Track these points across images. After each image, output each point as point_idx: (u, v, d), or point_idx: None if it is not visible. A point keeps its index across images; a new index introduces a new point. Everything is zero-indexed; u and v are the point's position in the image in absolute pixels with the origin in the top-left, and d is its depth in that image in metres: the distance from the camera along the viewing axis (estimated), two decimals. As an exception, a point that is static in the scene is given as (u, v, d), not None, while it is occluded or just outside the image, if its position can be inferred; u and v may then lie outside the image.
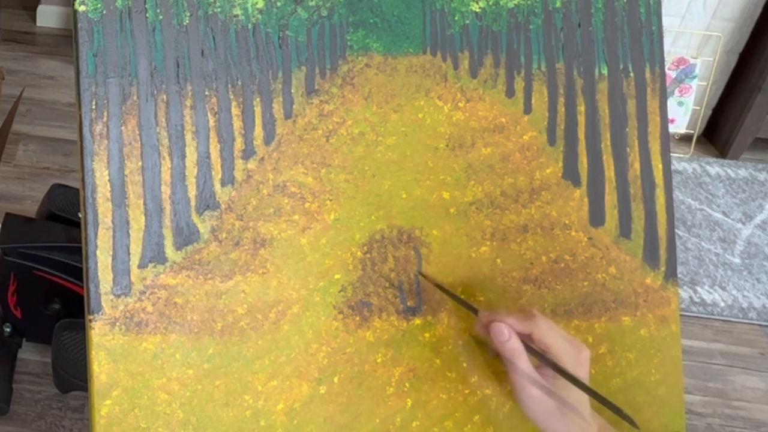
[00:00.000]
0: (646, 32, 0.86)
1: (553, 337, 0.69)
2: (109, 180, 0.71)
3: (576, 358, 0.69)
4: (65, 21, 2.97)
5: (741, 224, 2.35)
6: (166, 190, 0.73)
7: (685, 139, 2.70)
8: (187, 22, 0.74)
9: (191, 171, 0.74)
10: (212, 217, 0.74)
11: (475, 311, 0.75)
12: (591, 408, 0.70)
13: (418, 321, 0.80)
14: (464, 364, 0.80)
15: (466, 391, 0.80)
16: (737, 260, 2.22)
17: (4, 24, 2.93)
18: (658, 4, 0.87)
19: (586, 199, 0.85)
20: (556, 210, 0.84)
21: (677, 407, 0.87)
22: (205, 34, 0.74)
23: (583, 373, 0.69)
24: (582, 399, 0.69)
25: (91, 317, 0.70)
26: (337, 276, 0.78)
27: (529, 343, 0.70)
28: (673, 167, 1.39)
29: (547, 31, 0.84)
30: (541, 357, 0.69)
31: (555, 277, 0.84)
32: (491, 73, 0.83)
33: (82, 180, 0.71)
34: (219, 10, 0.75)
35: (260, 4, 0.76)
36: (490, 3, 0.82)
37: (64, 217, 1.71)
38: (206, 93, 0.74)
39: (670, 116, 2.40)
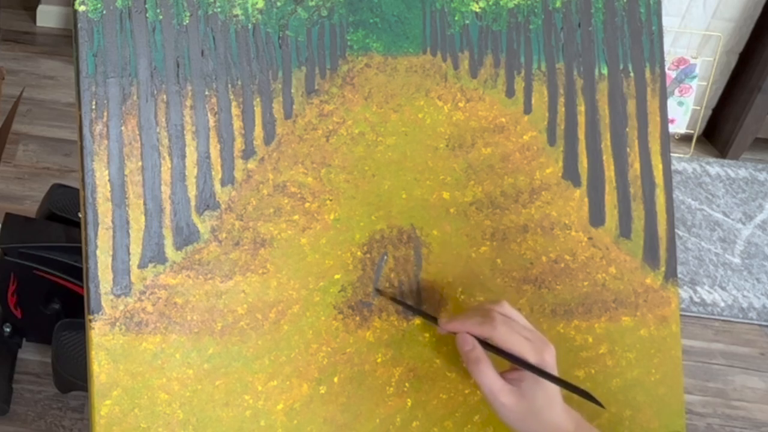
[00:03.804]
0: (646, 32, 0.86)
1: (513, 341, 0.69)
2: (109, 180, 0.71)
3: (540, 357, 0.69)
4: (65, 21, 2.97)
5: (741, 224, 2.35)
6: (166, 190, 0.73)
7: (685, 139, 2.70)
8: (187, 22, 0.74)
9: (191, 171, 0.74)
10: (212, 217, 0.74)
11: (435, 320, 0.75)
12: (566, 405, 0.71)
13: (418, 321, 0.79)
14: (464, 364, 0.80)
15: (466, 391, 0.80)
16: (737, 260, 2.22)
17: (4, 24, 2.93)
18: (658, 4, 0.87)
19: (586, 199, 0.85)
20: (556, 210, 0.84)
21: (677, 407, 0.87)
22: (205, 34, 0.74)
23: (550, 361, 0.70)
24: (552, 399, 0.69)
25: (91, 317, 0.70)
26: (337, 276, 0.78)
27: (492, 344, 0.71)
28: (673, 167, 1.39)
29: (547, 31, 0.84)
30: (507, 355, 0.69)
31: (555, 277, 0.84)
32: (491, 73, 0.83)
33: (82, 180, 0.71)
34: (219, 10, 0.75)
35: (260, 4, 0.76)
36: (490, 3, 0.82)
37: (64, 217, 1.71)
38: (206, 93, 0.74)
39: (670, 116, 2.40)
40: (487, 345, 0.71)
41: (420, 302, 0.80)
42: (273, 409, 0.75)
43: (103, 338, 0.71)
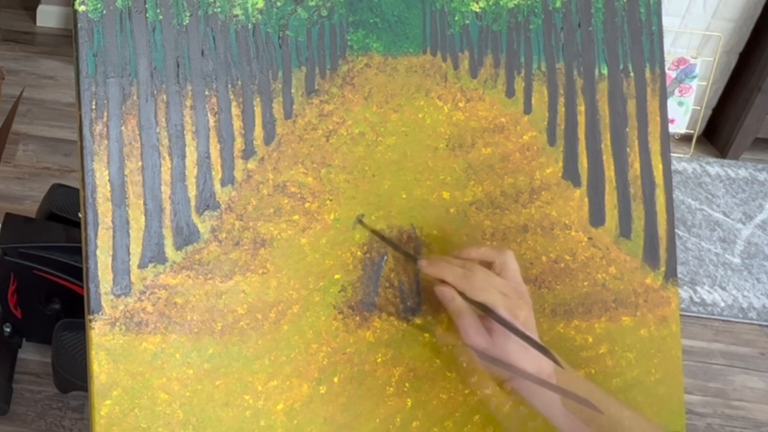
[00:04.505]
0: (646, 32, 0.86)
1: (487, 296, 0.71)
2: (109, 180, 0.71)
3: (512, 313, 0.71)
4: (65, 21, 2.97)
5: (741, 224, 2.35)
6: (166, 190, 0.73)
7: (685, 139, 2.70)
8: (187, 22, 0.74)
9: (191, 171, 0.74)
10: (212, 217, 0.74)
11: (415, 259, 0.77)
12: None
13: (418, 321, 0.80)
14: (464, 364, 0.80)
15: (466, 391, 0.80)
16: (737, 260, 2.22)
17: (4, 24, 2.93)
18: (658, 4, 0.87)
19: (586, 199, 0.85)
20: (556, 210, 0.84)
21: (677, 407, 0.87)
22: (205, 34, 0.74)
23: (522, 318, 0.72)
24: (524, 346, 0.71)
25: (91, 317, 0.70)
26: (337, 276, 0.78)
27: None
28: (673, 167, 1.39)
29: (547, 31, 0.84)
30: (480, 306, 0.71)
31: (555, 277, 0.84)
32: (491, 73, 0.83)
33: (82, 180, 0.71)
34: (219, 10, 0.75)
35: (260, 4, 0.76)
36: (490, 3, 0.82)
37: (64, 217, 1.71)
38: (206, 93, 0.74)
39: (670, 116, 2.40)
40: (463, 294, 0.73)
41: (420, 302, 0.80)
42: (273, 409, 0.75)
43: (103, 338, 0.71)
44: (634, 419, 0.72)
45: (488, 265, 0.74)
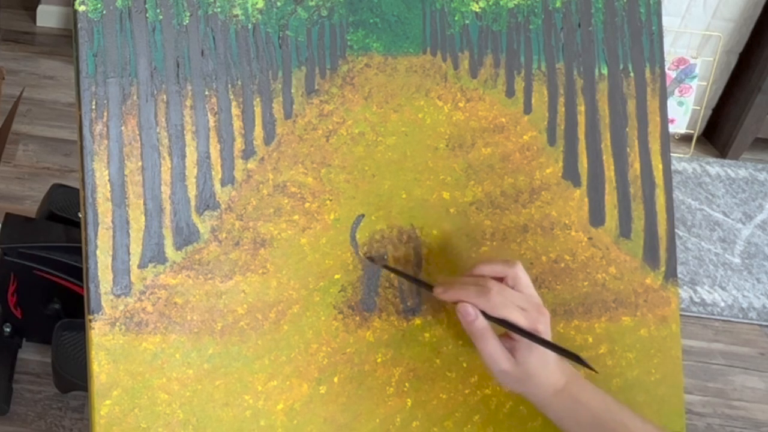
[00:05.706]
0: (646, 32, 0.86)
1: (507, 312, 0.70)
2: (109, 180, 0.71)
3: (533, 326, 0.71)
4: (65, 21, 2.97)
5: (741, 224, 2.35)
6: (166, 190, 0.73)
7: (685, 139, 2.70)
8: (187, 22, 0.74)
9: (191, 171, 0.74)
10: (212, 217, 0.74)
11: (430, 288, 0.75)
12: (559, 363, 0.72)
13: (418, 321, 0.80)
14: (464, 364, 0.80)
15: (466, 391, 0.80)
16: (737, 260, 2.22)
17: (4, 24, 2.93)
18: (658, 4, 0.87)
19: (586, 199, 0.85)
20: (556, 210, 0.84)
21: (677, 407, 0.87)
22: (205, 34, 0.74)
23: (542, 330, 0.71)
24: (545, 362, 0.71)
25: (91, 317, 0.70)
26: (337, 276, 0.78)
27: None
28: (673, 167, 1.39)
29: (547, 31, 0.84)
30: (501, 322, 0.71)
31: (555, 277, 0.84)
32: (491, 73, 0.83)
33: (82, 180, 0.71)
34: (219, 10, 0.75)
35: (260, 4, 0.76)
36: (490, 3, 0.82)
37: (64, 217, 1.71)
38: (206, 93, 0.74)
39: (670, 116, 2.40)
40: (484, 312, 0.72)
41: (420, 302, 0.80)
42: (273, 409, 0.75)
43: (103, 338, 0.71)
44: None
45: (499, 280, 0.73)
